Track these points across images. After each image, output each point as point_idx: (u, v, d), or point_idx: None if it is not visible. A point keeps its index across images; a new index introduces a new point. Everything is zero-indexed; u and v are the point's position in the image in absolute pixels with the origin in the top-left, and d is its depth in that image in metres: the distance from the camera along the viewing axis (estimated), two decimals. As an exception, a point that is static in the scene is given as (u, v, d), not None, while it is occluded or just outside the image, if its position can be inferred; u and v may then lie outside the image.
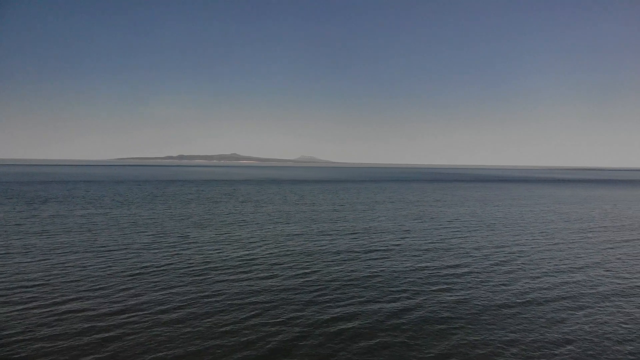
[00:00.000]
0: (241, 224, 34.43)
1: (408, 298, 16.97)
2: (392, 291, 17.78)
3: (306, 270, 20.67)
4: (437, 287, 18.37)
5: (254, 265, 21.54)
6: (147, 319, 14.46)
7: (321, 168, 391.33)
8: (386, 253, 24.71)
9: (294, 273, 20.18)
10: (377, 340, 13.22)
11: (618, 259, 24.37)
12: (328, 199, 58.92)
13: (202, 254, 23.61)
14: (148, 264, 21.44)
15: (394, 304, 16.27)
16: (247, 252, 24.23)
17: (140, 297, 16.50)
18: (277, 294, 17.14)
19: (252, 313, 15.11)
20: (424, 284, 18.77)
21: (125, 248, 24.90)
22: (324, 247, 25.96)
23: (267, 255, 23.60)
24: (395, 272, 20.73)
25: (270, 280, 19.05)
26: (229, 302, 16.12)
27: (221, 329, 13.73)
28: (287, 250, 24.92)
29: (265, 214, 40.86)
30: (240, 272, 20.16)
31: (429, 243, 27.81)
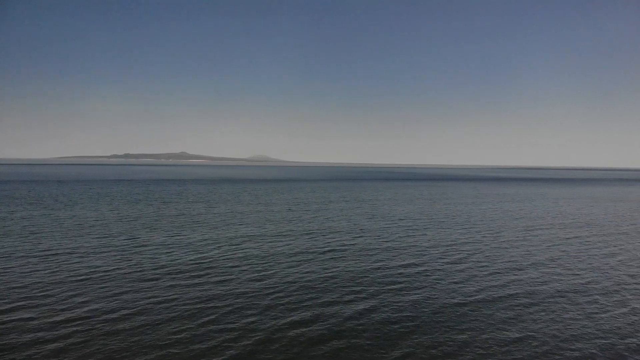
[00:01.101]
0: (193, 226, 33.52)
1: (366, 299, 16.97)
2: (350, 292, 17.74)
3: (263, 273, 20.30)
4: (393, 287, 18.49)
5: (208, 269, 20.94)
6: (95, 328, 13.69)
7: (274, 167, 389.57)
8: (342, 253, 24.70)
9: (250, 276, 19.77)
10: (337, 343, 13.10)
11: (566, 255, 25.43)
12: (283, 199, 58.55)
13: (153, 258, 22.74)
14: (95, 268, 20.41)
15: (352, 306, 16.22)
16: (200, 255, 23.56)
17: (88, 305, 15.63)
18: (233, 299, 16.71)
19: (208, 319, 14.62)
20: (380, 284, 18.84)
21: (71, 252, 23.63)
22: (280, 249, 25.64)
23: (221, 258, 23.03)
24: (352, 272, 20.72)
25: (226, 284, 18.56)
26: (183, 308, 15.55)
27: (175, 337, 13.19)
28: (243, 253, 24.44)
29: (218, 215, 40.02)
30: (194, 277, 19.54)
31: (383, 242, 28.07)
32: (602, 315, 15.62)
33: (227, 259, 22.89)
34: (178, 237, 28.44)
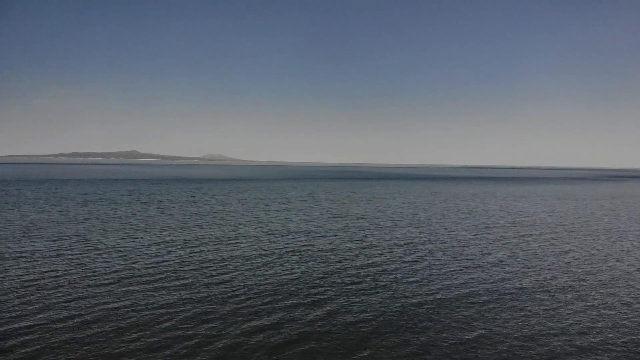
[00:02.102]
0: (147, 227, 32.48)
1: (327, 300, 16.91)
2: (312, 294, 17.63)
3: (222, 277, 19.87)
4: (354, 288, 18.52)
5: (164, 273, 20.31)
6: (45, 338, 12.94)
7: (230, 166, 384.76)
8: (302, 255, 24.57)
9: (208, 281, 19.32)
10: (301, 345, 12.96)
11: (520, 253, 26.30)
12: (240, 199, 57.79)
13: (106, 262, 21.83)
14: (44, 274, 19.35)
15: (314, 307, 16.11)
16: (155, 259, 22.82)
17: (37, 313, 14.76)
18: (191, 305, 16.25)
19: (165, 326, 14.14)
20: (341, 285, 18.85)
21: (18, 256, 22.34)
22: (239, 251, 25.24)
23: (177, 262, 22.40)
24: (313, 274, 20.64)
25: (183, 289, 18.05)
26: (139, 315, 14.98)
27: (131, 346, 12.66)
28: (200, 256, 23.88)
29: (173, 216, 38.99)
30: (149, 282, 18.89)
31: (343, 242, 28.16)
32: (562, 311, 16.22)
33: (184, 262, 22.29)
34: (131, 240, 27.47)
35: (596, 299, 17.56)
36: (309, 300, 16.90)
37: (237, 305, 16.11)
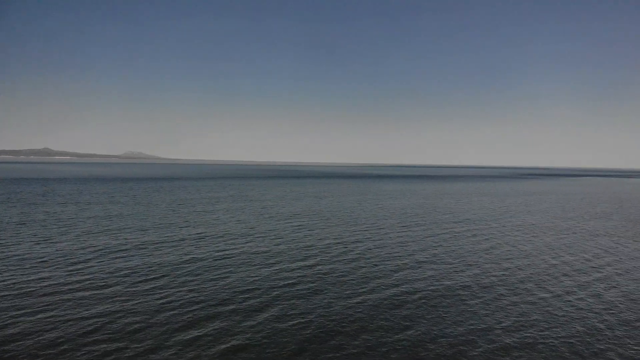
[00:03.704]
0: (64, 231, 30.07)
1: (264, 305, 16.42)
2: (247, 299, 17.05)
3: (149, 285, 18.71)
4: (290, 291, 18.17)
5: (84, 281, 18.78)
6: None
7: (152, 165, 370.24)
8: (235, 258, 23.81)
9: (134, 289, 18.10)
10: (241, 352, 12.41)
11: (447, 250, 27.20)
12: (164, 199, 55.38)
13: (16, 270, 19.82)
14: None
15: (251, 314, 15.57)
16: (74, 267, 21.08)
17: None
18: (117, 318, 15.10)
19: (91, 339, 13.00)
20: (277, 288, 18.42)
21: None
22: (165, 257, 23.97)
23: (99, 269, 20.84)
24: (247, 277, 20.01)
25: (106, 301, 16.77)
26: (53, 330, 13.67)
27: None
28: (124, 262, 22.41)
29: (92, 218, 36.47)
30: (67, 292, 17.36)
31: (275, 243, 27.70)
32: (497, 306, 16.82)
33: (106, 270, 20.77)
34: (48, 245, 25.27)
35: (528, 293, 18.45)
36: (244, 305, 16.31)
37: (168, 315, 15.19)
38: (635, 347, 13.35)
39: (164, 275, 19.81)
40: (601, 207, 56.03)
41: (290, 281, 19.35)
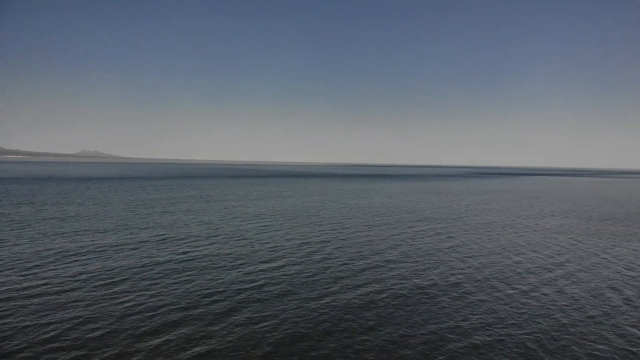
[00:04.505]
0: (18, 234, 28.47)
1: (230, 308, 15.94)
2: (212, 302, 16.52)
3: (109, 291, 17.87)
4: (255, 292, 17.76)
5: (39, 287, 17.75)
6: None
7: (109, 164, 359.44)
8: (197, 261, 23.13)
9: (95, 293, 17.23)
10: (205, 358, 11.93)
11: (411, 248, 27.34)
12: (122, 200, 53.54)
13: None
14: None
15: (216, 318, 15.07)
16: (28, 272, 19.93)
17: None
18: (76, 326, 14.29)
19: (49, 347, 12.19)
20: (243, 291, 17.96)
21: None
22: (125, 260, 23.04)
23: (54, 274, 19.76)
24: (210, 281, 19.43)
25: (63, 308, 15.88)
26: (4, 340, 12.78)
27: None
28: (81, 266, 21.36)
29: (47, 220, 34.74)
30: (22, 298, 16.32)
31: (239, 243, 27.13)
32: (473, 304, 16.91)
33: (62, 274, 19.72)
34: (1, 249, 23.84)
35: (494, 290, 18.67)
36: (210, 309, 15.77)
37: (132, 321, 14.48)
38: (599, 342, 13.66)
39: (125, 280, 18.97)
40: (556, 205, 57.99)
41: (256, 283, 18.90)
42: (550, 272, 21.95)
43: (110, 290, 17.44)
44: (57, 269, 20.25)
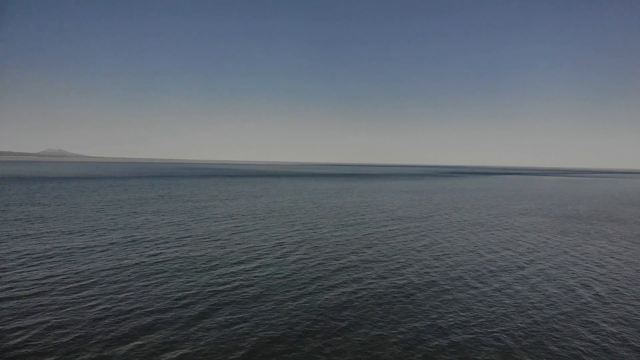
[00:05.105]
0: (-24, 237, 27.20)
1: (202, 309, 15.55)
2: (188, 303, 16.08)
3: (79, 295, 17.19)
4: (234, 294, 17.40)
5: (5, 291, 16.91)
6: None
7: (75, 163, 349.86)
8: (174, 262, 22.56)
9: (64, 298, 16.53)
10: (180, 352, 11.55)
11: (384, 247, 27.36)
12: (90, 200, 51.97)
13: None
14: None
15: (188, 318, 14.66)
16: (-11, 274, 19.02)
17: None
18: (44, 330, 13.64)
19: (12, 350, 11.58)
20: (218, 293, 17.57)
21: None
22: (94, 263, 22.27)
23: (19, 277, 18.91)
24: (188, 283, 18.95)
25: (36, 313, 15.14)
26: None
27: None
28: (48, 270, 20.50)
29: (9, 221, 33.32)
30: (-17, 303, 15.53)
31: (213, 244, 26.63)
32: (449, 302, 16.94)
33: (27, 277, 18.88)
34: (-46, 253, 22.68)
35: (470, 288, 18.81)
36: (183, 313, 15.34)
37: (103, 326, 13.93)
38: (573, 338, 13.87)
39: (94, 283, 18.30)
40: (524, 204, 59.28)
41: (230, 285, 18.52)
42: (523, 269, 22.30)
43: (79, 294, 16.78)
44: (22, 273, 19.39)
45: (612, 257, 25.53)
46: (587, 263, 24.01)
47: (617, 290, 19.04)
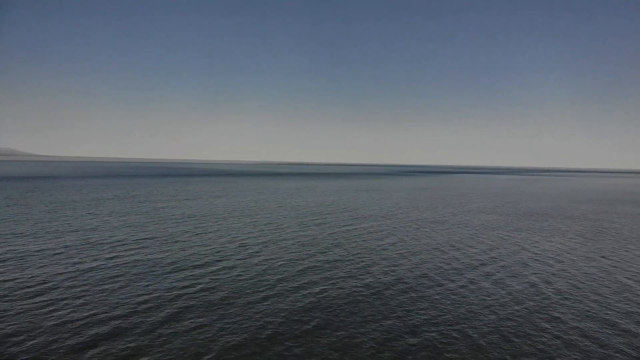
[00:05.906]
0: None
1: (167, 310, 15.01)
2: (151, 307, 15.48)
3: (34, 302, 16.24)
4: (198, 298, 16.90)
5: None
6: None
7: (26, 162, 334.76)
8: (134, 265, 21.73)
9: (20, 304, 15.57)
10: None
11: (350, 245, 27.34)
12: (43, 200, 49.64)
13: None
14: None
15: (154, 318, 14.10)
16: None
17: None
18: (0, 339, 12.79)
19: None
20: (180, 297, 17.02)
21: None
22: (50, 268, 21.16)
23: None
24: (150, 286, 18.27)
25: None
26: None
27: None
28: (0, 275, 19.38)
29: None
30: None
31: (173, 246, 25.89)
32: (419, 300, 16.98)
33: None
34: None
35: (437, 286, 18.98)
36: (146, 318, 14.75)
37: (62, 333, 13.18)
38: (537, 331, 14.19)
39: (50, 288, 17.36)
40: (481, 202, 60.85)
41: (193, 289, 17.96)
42: (485, 266, 22.76)
43: (36, 300, 15.87)
44: (-33, 279, 18.19)
45: (569, 253, 26.45)
46: (545, 259, 24.76)
47: (575, 285, 19.69)
